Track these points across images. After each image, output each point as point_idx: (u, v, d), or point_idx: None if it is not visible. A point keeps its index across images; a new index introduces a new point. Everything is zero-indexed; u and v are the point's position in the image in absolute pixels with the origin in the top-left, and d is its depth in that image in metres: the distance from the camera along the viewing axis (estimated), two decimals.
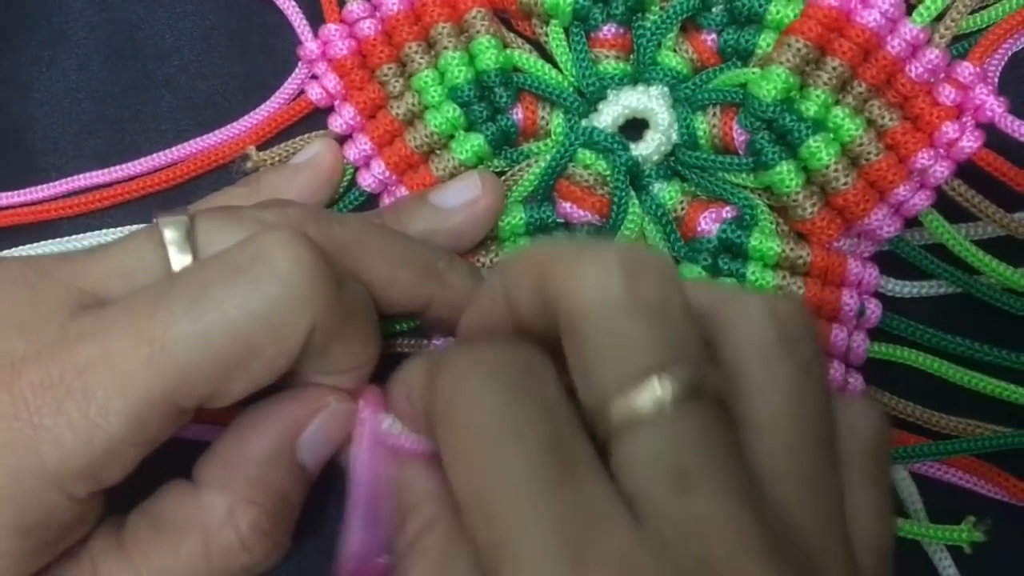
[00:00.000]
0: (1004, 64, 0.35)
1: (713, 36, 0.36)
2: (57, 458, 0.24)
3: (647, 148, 0.35)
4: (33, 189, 0.37)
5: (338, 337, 0.28)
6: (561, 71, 0.36)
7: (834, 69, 0.33)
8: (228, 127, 0.37)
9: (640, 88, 0.35)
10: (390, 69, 0.36)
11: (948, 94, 0.33)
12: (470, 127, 0.36)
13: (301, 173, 0.35)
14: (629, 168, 0.35)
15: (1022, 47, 0.35)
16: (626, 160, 0.35)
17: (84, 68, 0.39)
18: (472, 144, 0.35)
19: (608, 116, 0.35)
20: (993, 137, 0.33)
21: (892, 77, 0.34)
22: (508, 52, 0.36)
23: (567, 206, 0.35)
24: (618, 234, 0.35)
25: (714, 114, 0.35)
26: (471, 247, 0.35)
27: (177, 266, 0.27)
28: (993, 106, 0.33)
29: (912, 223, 0.34)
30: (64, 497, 0.25)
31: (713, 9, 0.36)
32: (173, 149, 0.37)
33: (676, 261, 0.35)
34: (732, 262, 0.34)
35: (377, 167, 0.36)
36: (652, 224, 0.35)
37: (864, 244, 0.34)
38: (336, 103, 0.36)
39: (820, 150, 0.33)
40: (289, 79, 0.37)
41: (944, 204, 0.34)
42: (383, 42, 0.36)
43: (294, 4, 0.37)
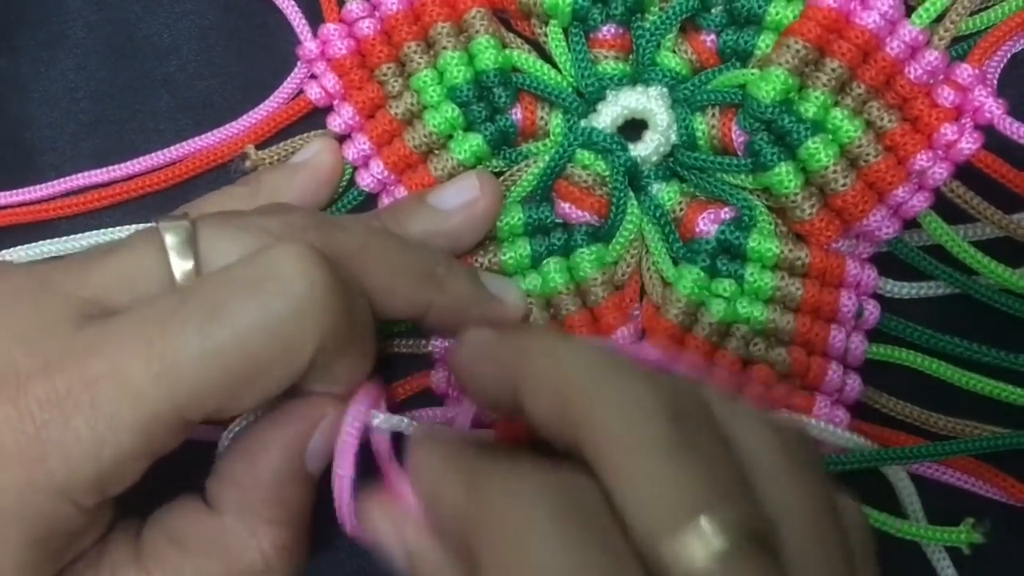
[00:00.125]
0: (1003, 66, 0.35)
1: (712, 37, 0.36)
2: (65, 472, 0.24)
3: (646, 149, 0.35)
4: (31, 189, 0.37)
5: (342, 353, 0.28)
6: (560, 71, 0.36)
7: (833, 70, 0.33)
8: (227, 126, 0.37)
9: (639, 89, 0.35)
10: (389, 69, 0.36)
11: (947, 96, 0.33)
12: (469, 127, 0.36)
13: (300, 173, 0.35)
14: (628, 169, 0.35)
15: (1021, 49, 0.35)
16: (625, 161, 0.35)
17: (83, 68, 0.38)
18: (471, 144, 0.35)
19: (607, 117, 0.35)
20: (991, 138, 0.33)
21: (891, 79, 0.33)
22: (507, 52, 0.36)
23: (566, 206, 0.35)
24: (617, 234, 0.35)
25: (713, 115, 0.35)
26: (470, 248, 0.35)
27: (179, 272, 0.27)
28: (992, 108, 0.33)
29: (910, 224, 0.34)
30: (72, 508, 0.25)
31: (712, 10, 0.36)
32: (172, 148, 0.37)
33: (674, 262, 0.35)
34: (730, 263, 0.34)
35: (376, 167, 0.36)
36: (650, 225, 0.35)
37: (863, 245, 0.34)
38: (335, 103, 0.36)
39: (819, 151, 0.33)
40: (288, 78, 0.37)
41: (942, 205, 0.34)
42: (382, 42, 0.36)
43: (293, 4, 0.37)
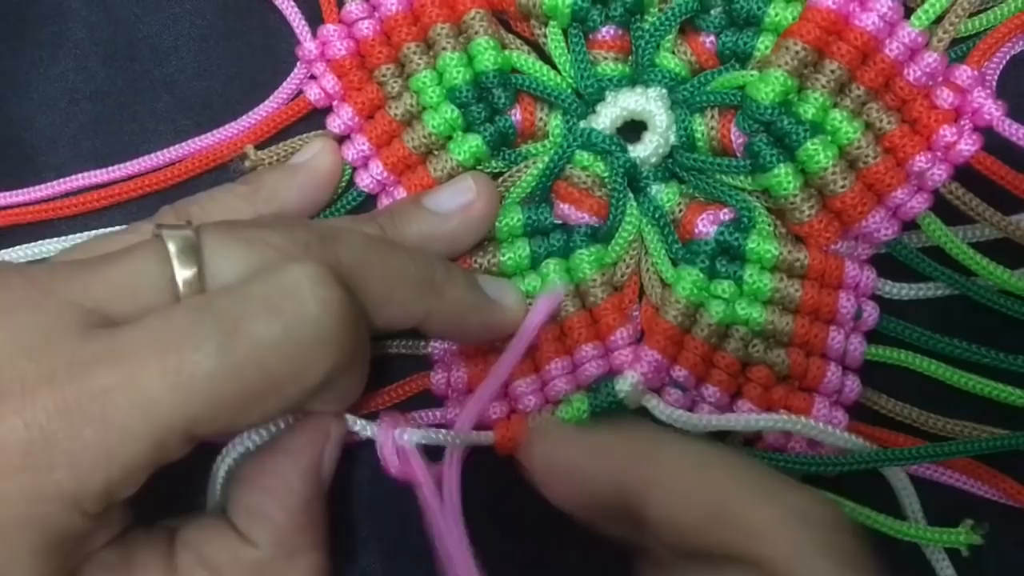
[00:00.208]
0: (1003, 67, 0.35)
1: (712, 38, 0.36)
2: (74, 482, 0.24)
3: (645, 150, 0.35)
4: (32, 189, 0.37)
5: (347, 372, 0.28)
6: (559, 72, 0.36)
7: (832, 72, 0.33)
8: (226, 127, 0.37)
9: (638, 90, 0.35)
10: (388, 70, 0.36)
11: (946, 97, 0.33)
12: (468, 128, 0.36)
13: (301, 173, 0.35)
14: (627, 170, 0.35)
15: (1020, 50, 0.35)
16: (624, 162, 0.35)
17: (82, 68, 0.38)
18: (470, 145, 0.35)
19: (606, 118, 0.35)
20: (989, 140, 0.33)
21: (890, 80, 0.33)
22: (507, 53, 0.36)
23: (565, 207, 0.35)
24: (616, 236, 0.35)
25: (712, 116, 0.35)
26: (468, 249, 0.35)
27: (181, 280, 0.26)
28: (991, 110, 0.33)
29: (909, 226, 0.34)
30: (81, 515, 0.25)
31: (712, 11, 0.36)
32: (172, 148, 0.37)
33: (674, 263, 0.35)
34: (729, 264, 0.34)
35: (375, 168, 0.36)
36: (650, 226, 0.35)
37: (862, 247, 0.34)
38: (334, 103, 0.36)
39: (818, 153, 0.33)
40: (288, 79, 0.37)
41: (940, 206, 0.34)
42: (382, 42, 0.36)
43: (293, 4, 0.37)
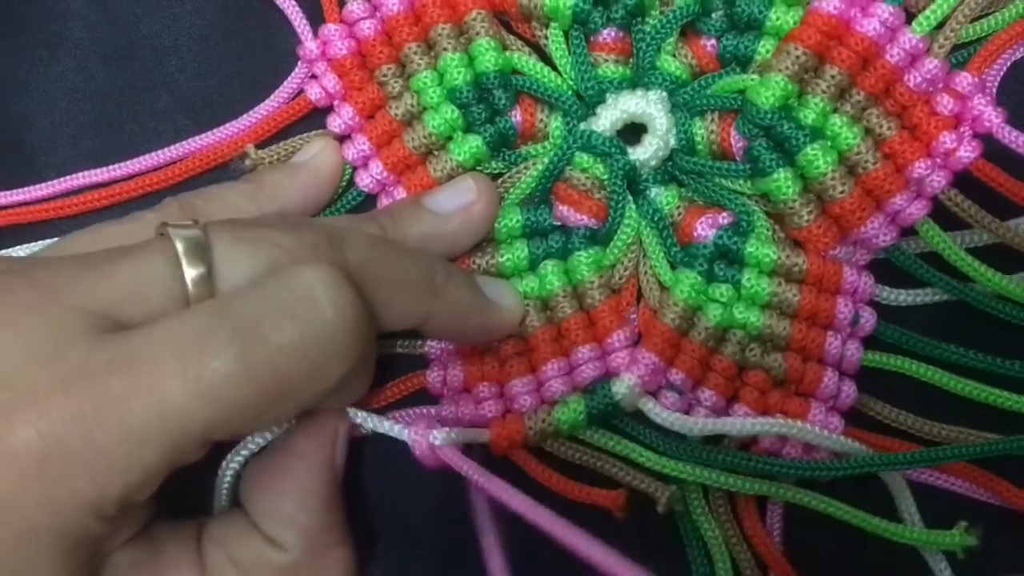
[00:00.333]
0: (1004, 73, 0.34)
1: (712, 42, 0.36)
2: (93, 491, 0.24)
3: (645, 153, 0.35)
4: (32, 188, 0.37)
5: (357, 373, 0.29)
6: (560, 74, 0.36)
7: (833, 77, 0.33)
8: (227, 125, 0.37)
9: (639, 92, 0.35)
10: (389, 70, 0.36)
11: (946, 104, 0.33)
12: (468, 129, 0.36)
13: (303, 172, 0.35)
14: (626, 172, 0.35)
15: (1021, 57, 0.35)
16: (623, 164, 0.35)
17: (82, 68, 0.39)
18: (470, 146, 0.35)
19: (606, 120, 0.35)
20: (986, 144, 0.33)
21: (891, 86, 0.33)
22: (507, 54, 0.36)
23: (564, 209, 0.35)
24: (615, 238, 0.35)
25: (712, 120, 0.35)
26: (467, 250, 0.35)
27: (190, 278, 0.26)
28: (991, 117, 0.33)
29: (906, 231, 0.34)
30: (100, 520, 0.25)
31: (713, 15, 0.36)
32: (172, 147, 0.37)
33: (672, 266, 0.35)
34: (728, 268, 0.34)
35: (375, 167, 0.36)
36: (648, 229, 0.35)
37: (860, 252, 0.34)
38: (335, 103, 0.36)
39: (817, 158, 0.33)
40: (288, 78, 0.37)
41: (936, 210, 0.33)
42: (383, 42, 0.36)
43: (294, 3, 0.37)
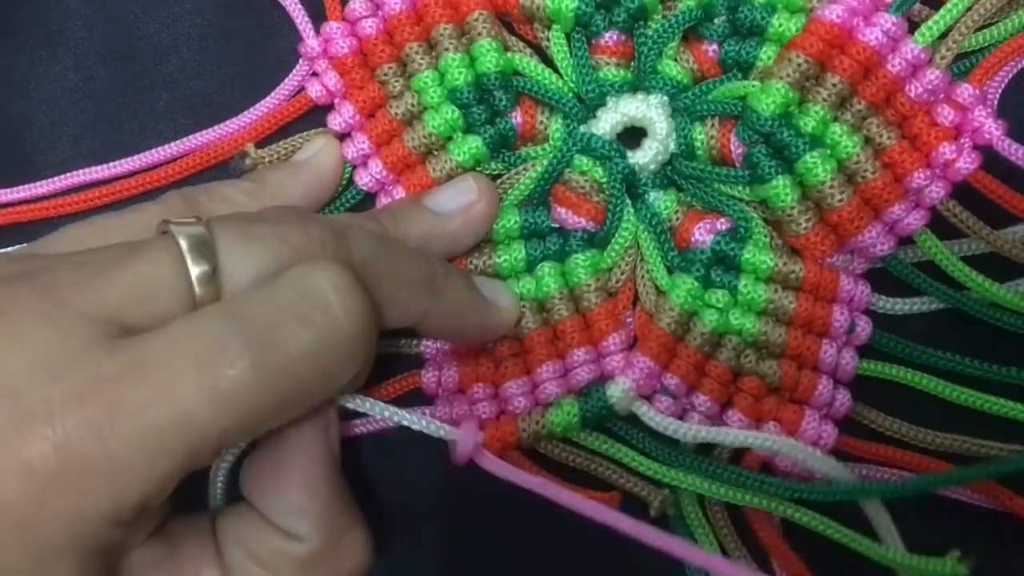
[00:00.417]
0: (1006, 85, 0.34)
1: (714, 47, 0.36)
2: (111, 503, 0.24)
3: (644, 157, 0.35)
4: (32, 186, 0.37)
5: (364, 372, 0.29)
6: (561, 76, 0.36)
7: (834, 86, 0.33)
8: (227, 123, 0.37)
9: (639, 96, 0.35)
10: (390, 69, 0.36)
11: (947, 115, 0.33)
12: (468, 129, 0.36)
13: (304, 170, 0.35)
14: (625, 176, 0.35)
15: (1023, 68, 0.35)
16: (623, 168, 0.35)
17: (82, 67, 0.39)
18: (470, 146, 0.35)
19: (607, 123, 0.35)
20: (983, 154, 0.33)
21: (891, 96, 0.33)
22: (509, 55, 0.36)
23: (562, 211, 0.35)
24: (612, 241, 0.35)
25: (712, 125, 0.35)
26: (467, 250, 0.35)
27: (196, 275, 0.26)
28: (991, 129, 0.33)
29: (903, 240, 0.34)
30: (118, 526, 0.25)
31: (715, 20, 0.36)
32: (172, 145, 0.37)
33: (669, 271, 0.35)
34: (725, 274, 0.34)
35: (375, 166, 0.36)
36: (646, 233, 0.35)
37: (857, 261, 0.34)
38: (336, 101, 0.36)
39: (816, 166, 0.33)
40: (289, 76, 0.37)
41: (933, 219, 0.33)
42: (384, 41, 0.36)
43: (296, 1, 0.37)
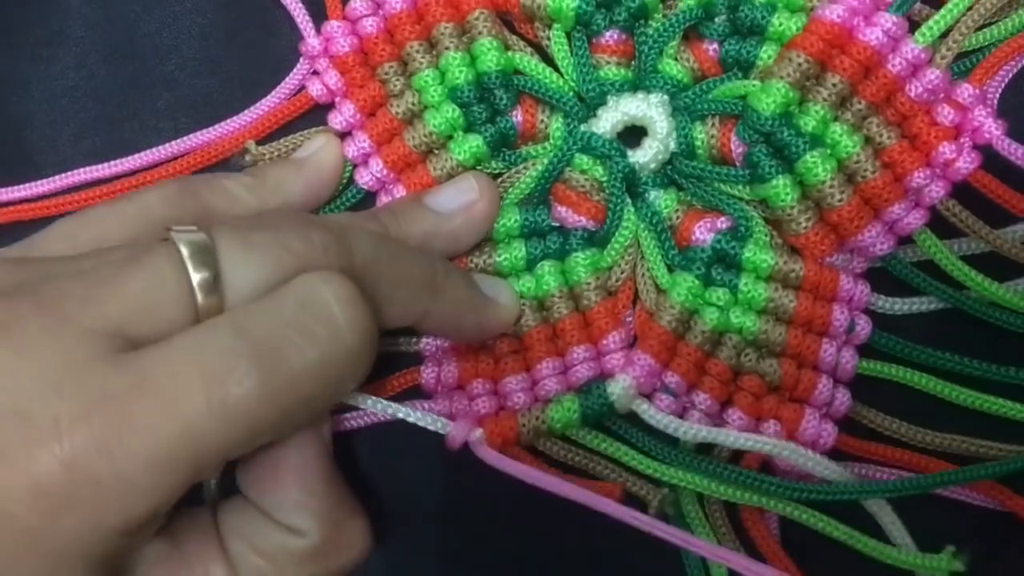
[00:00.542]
0: (1006, 84, 0.34)
1: (715, 46, 0.36)
2: (119, 516, 0.24)
3: (644, 156, 0.35)
4: (32, 184, 0.37)
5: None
6: (562, 75, 0.36)
7: (834, 85, 0.33)
8: (228, 121, 0.37)
9: (640, 95, 0.35)
10: (391, 67, 0.36)
11: (947, 114, 0.33)
12: (469, 128, 0.36)
13: (305, 168, 0.35)
14: (626, 175, 0.35)
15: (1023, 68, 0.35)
16: (623, 167, 0.35)
17: (82, 66, 0.39)
18: (470, 145, 0.35)
19: (607, 122, 0.35)
20: (984, 153, 0.33)
21: (892, 95, 0.33)
22: (509, 54, 0.36)
23: (562, 210, 0.35)
24: (613, 240, 0.35)
25: (713, 124, 0.35)
26: (468, 249, 0.35)
27: (197, 282, 0.26)
28: (991, 128, 0.33)
29: (903, 240, 0.34)
30: (123, 536, 0.25)
31: (716, 19, 0.36)
32: (173, 143, 0.37)
33: (669, 269, 0.35)
34: (725, 273, 0.34)
35: (375, 165, 0.36)
36: (647, 231, 0.35)
37: (857, 260, 0.34)
38: (336, 100, 0.37)
39: (817, 165, 0.33)
40: (290, 75, 0.37)
41: (933, 219, 0.33)
42: (385, 40, 0.36)
43: (297, 0, 0.37)
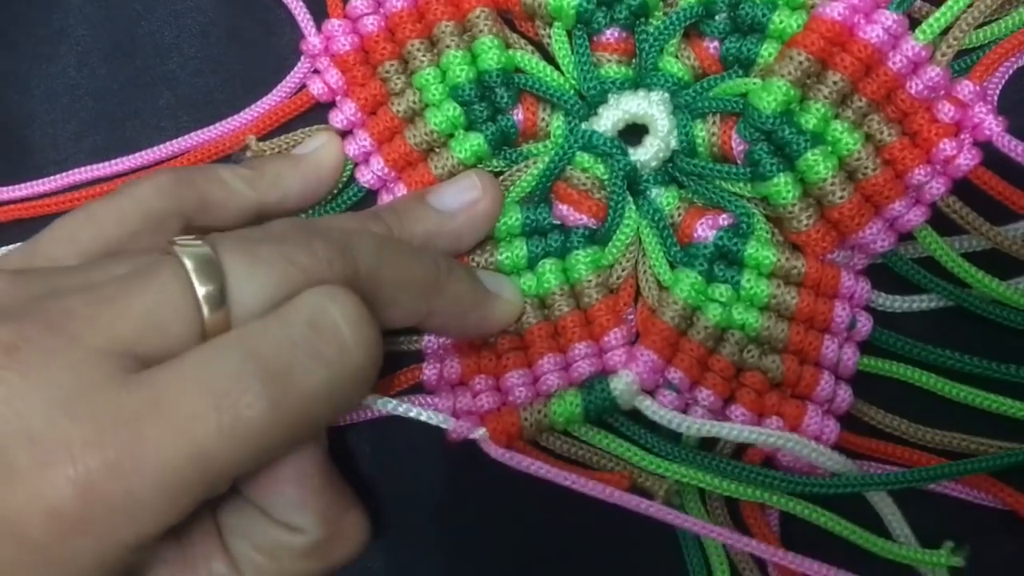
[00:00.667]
0: (1006, 81, 0.34)
1: (715, 44, 0.36)
2: (132, 534, 0.24)
3: (646, 154, 0.35)
4: (33, 183, 0.37)
5: None
6: (563, 73, 0.36)
7: (835, 83, 0.33)
8: (229, 119, 0.37)
9: (641, 93, 0.35)
10: (392, 66, 0.36)
11: (947, 111, 0.33)
12: (470, 126, 0.36)
13: (304, 163, 0.35)
14: (627, 173, 0.35)
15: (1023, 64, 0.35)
16: (624, 165, 0.35)
17: (84, 65, 0.39)
18: (471, 144, 0.35)
19: (608, 120, 0.35)
20: (984, 150, 0.33)
21: (892, 93, 0.33)
22: (510, 53, 0.36)
23: (564, 208, 0.35)
24: (614, 238, 0.35)
25: (714, 122, 0.35)
26: (470, 248, 0.35)
27: (203, 297, 0.26)
28: (991, 125, 0.33)
29: (904, 236, 0.34)
30: (134, 551, 0.25)
31: (716, 17, 0.36)
32: (174, 142, 0.37)
33: (671, 266, 0.35)
34: (727, 269, 0.34)
35: (376, 164, 0.36)
36: (648, 229, 0.35)
37: (858, 257, 0.35)
38: (337, 98, 0.37)
39: (818, 163, 0.33)
40: (291, 73, 0.37)
41: (933, 216, 0.34)
42: (386, 39, 0.36)
43: None
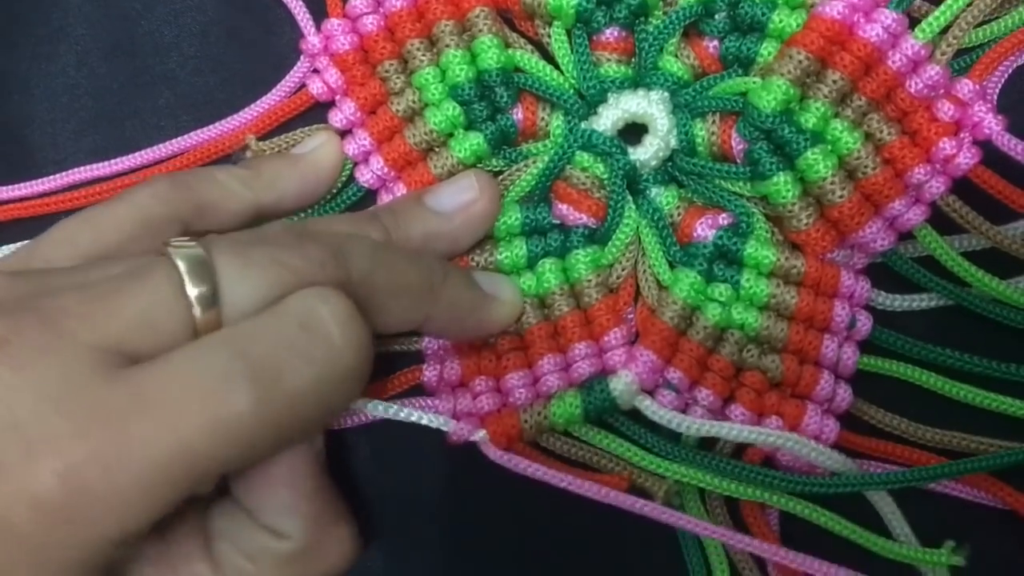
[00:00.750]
0: (1006, 80, 0.34)
1: (715, 43, 0.36)
2: (116, 529, 0.24)
3: (645, 153, 0.35)
4: (33, 183, 0.37)
5: None
6: (562, 73, 0.36)
7: (834, 82, 0.33)
8: (229, 119, 0.37)
9: (640, 92, 0.35)
10: (392, 65, 0.36)
11: (947, 110, 0.33)
12: (470, 126, 0.36)
13: (302, 163, 0.35)
14: (627, 172, 0.35)
15: (1023, 63, 0.35)
16: (624, 164, 0.35)
17: (83, 64, 0.39)
18: (471, 143, 0.35)
19: (608, 120, 0.35)
20: (984, 149, 0.33)
21: (892, 92, 0.33)
22: (510, 52, 0.36)
23: (563, 208, 0.35)
24: (614, 237, 0.35)
25: (713, 121, 0.35)
26: (468, 248, 0.35)
27: (194, 298, 0.26)
28: (991, 124, 0.33)
29: (903, 235, 0.34)
30: (118, 547, 0.25)
31: (716, 16, 0.36)
32: (173, 141, 0.37)
33: (671, 266, 0.35)
34: (727, 269, 0.34)
35: (376, 163, 0.36)
36: (648, 228, 0.35)
37: (857, 256, 0.35)
38: (337, 98, 0.37)
39: (818, 162, 0.33)
40: (290, 73, 0.37)
41: (934, 215, 0.34)
42: (385, 38, 0.36)
43: None
